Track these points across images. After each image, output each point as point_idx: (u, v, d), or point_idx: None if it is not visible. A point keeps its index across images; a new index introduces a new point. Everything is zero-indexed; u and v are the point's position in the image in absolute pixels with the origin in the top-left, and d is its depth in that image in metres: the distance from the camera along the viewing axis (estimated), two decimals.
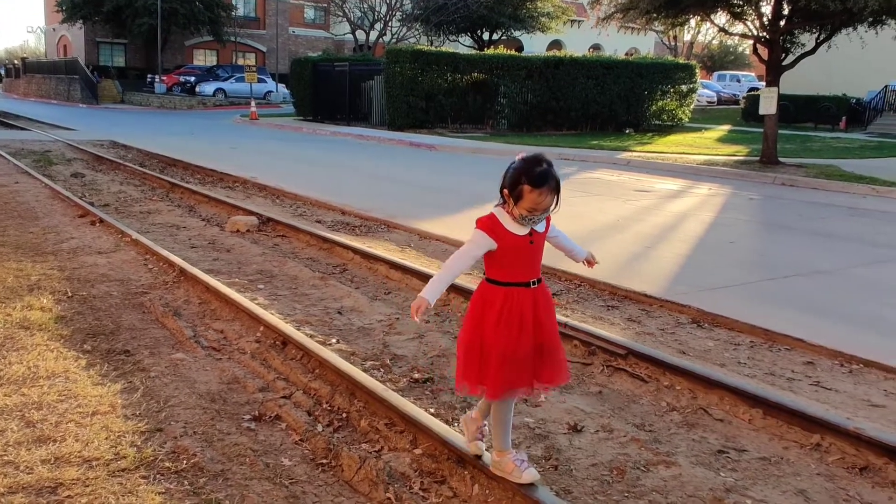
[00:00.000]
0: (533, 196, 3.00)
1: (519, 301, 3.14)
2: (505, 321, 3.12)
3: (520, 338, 3.13)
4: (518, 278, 3.17)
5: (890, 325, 5.98)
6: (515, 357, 3.13)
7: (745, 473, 3.68)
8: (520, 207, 3.03)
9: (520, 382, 3.19)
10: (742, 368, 4.97)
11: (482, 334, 3.15)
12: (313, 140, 23.23)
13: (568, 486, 3.52)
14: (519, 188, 3.01)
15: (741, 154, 19.31)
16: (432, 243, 8.71)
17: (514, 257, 3.13)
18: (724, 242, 9.19)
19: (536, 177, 2.99)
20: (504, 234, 3.10)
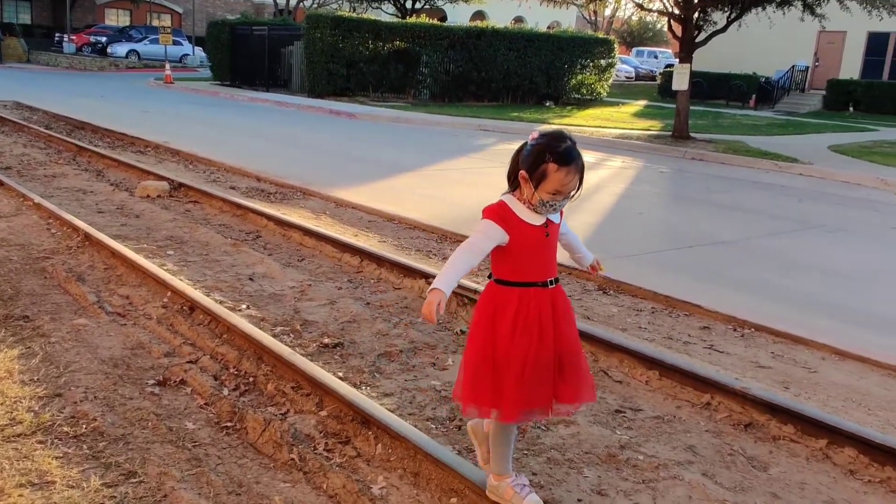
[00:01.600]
0: (559, 176, 2.62)
1: (536, 304, 2.73)
2: (521, 328, 2.71)
3: (539, 347, 2.72)
4: (533, 277, 2.75)
5: (781, 292, 6.30)
6: (535, 370, 2.72)
7: (639, 431, 3.85)
8: (542, 190, 2.64)
9: (539, 401, 2.78)
10: (642, 333, 5.17)
11: (494, 346, 2.74)
12: (230, 105, 22.71)
13: (470, 445, 3.60)
14: (542, 167, 2.62)
15: (655, 129, 19.80)
16: (349, 211, 8.69)
17: (528, 252, 2.74)
18: (633, 213, 9.46)
19: (563, 153, 2.62)
20: (517, 224, 2.70)
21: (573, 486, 3.29)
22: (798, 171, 13.92)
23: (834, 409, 4.10)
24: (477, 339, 2.80)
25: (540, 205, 2.69)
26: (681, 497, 3.24)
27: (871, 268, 7.39)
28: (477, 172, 12.14)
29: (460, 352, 4.70)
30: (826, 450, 3.66)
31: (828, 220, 9.78)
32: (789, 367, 4.70)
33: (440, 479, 3.19)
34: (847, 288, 6.63)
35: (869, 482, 3.44)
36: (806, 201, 10.94)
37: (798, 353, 4.94)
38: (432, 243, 7.39)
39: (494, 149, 15.16)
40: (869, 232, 9.21)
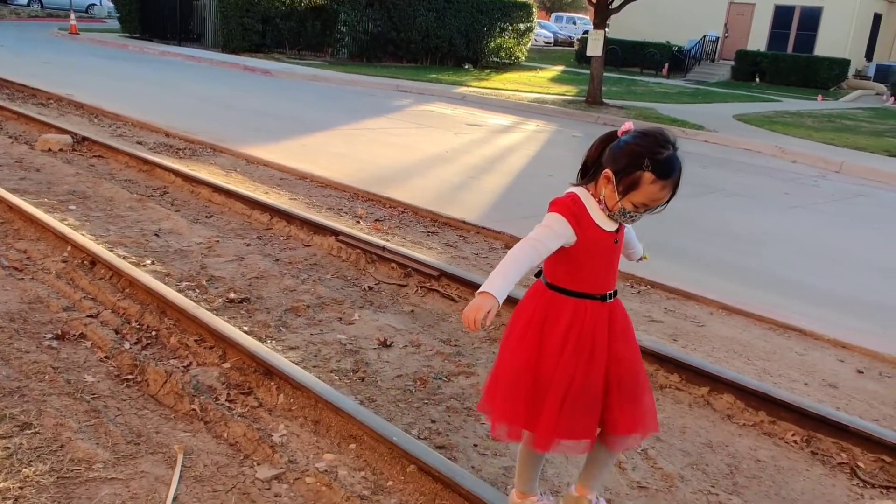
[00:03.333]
0: (654, 189, 2.24)
1: (592, 319, 2.38)
2: (573, 345, 2.36)
3: (589, 369, 2.38)
4: (592, 288, 2.39)
5: (678, 252, 6.59)
6: (580, 396, 2.37)
7: None
8: (628, 199, 2.26)
9: (580, 432, 2.41)
10: None
11: (538, 360, 2.38)
12: (140, 59, 21.89)
13: (372, 395, 3.70)
14: (635, 175, 2.23)
15: (570, 94, 20.09)
16: (260, 168, 8.59)
17: (593, 259, 2.38)
18: (544, 175, 9.66)
19: (665, 164, 2.22)
20: (589, 226, 2.34)
21: (470, 432, 3.43)
22: (704, 138, 14.40)
23: (717, 359, 4.36)
24: (519, 348, 2.40)
25: (619, 213, 2.31)
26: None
27: (763, 230, 7.78)
28: (392, 132, 12.13)
29: (368, 307, 4.79)
30: (707, 396, 3.90)
31: (728, 185, 10.19)
32: (680, 321, 4.96)
33: (340, 426, 3.28)
34: (739, 249, 6.98)
35: (744, 426, 3.70)
36: (709, 167, 11.34)
37: (689, 308, 5.21)
38: (344, 202, 7.40)
39: (411, 109, 15.14)
40: (764, 197, 9.65)
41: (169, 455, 3.05)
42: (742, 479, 3.26)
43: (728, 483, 3.23)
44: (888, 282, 6.38)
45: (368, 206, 7.28)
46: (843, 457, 3.45)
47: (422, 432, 3.38)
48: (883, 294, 5.99)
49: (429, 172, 9.16)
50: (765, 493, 3.18)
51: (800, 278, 6.20)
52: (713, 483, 3.21)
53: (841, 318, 5.20)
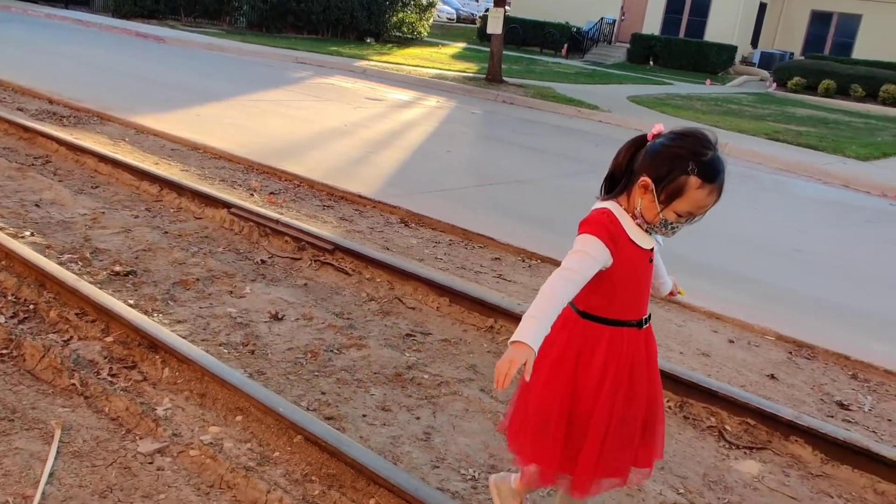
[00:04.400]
0: (701, 195, 2.03)
1: (629, 348, 2.19)
2: (612, 379, 2.16)
3: (629, 403, 2.19)
4: (629, 314, 2.19)
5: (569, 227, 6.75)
6: (620, 432, 2.19)
7: (427, 353, 4.08)
8: (673, 207, 2.05)
9: (619, 469, 2.25)
10: (438, 263, 5.42)
11: (574, 397, 2.18)
12: (23, 21, 20.68)
13: (262, 368, 3.69)
14: (679, 180, 2.02)
15: (471, 71, 20.20)
16: (150, 138, 8.32)
17: (629, 282, 2.17)
18: (442, 151, 9.73)
19: (710, 165, 2.02)
20: (626, 246, 2.12)
21: (359, 403, 3.47)
22: (598, 118, 14.78)
23: None
24: (551, 384, 2.17)
25: (660, 225, 2.10)
26: (458, 410, 3.50)
27: None
28: (290, 105, 11.93)
29: (260, 280, 4.74)
30: None
31: None
32: None
33: (226, 399, 3.25)
34: None
35: None
36: (602, 146, 11.67)
37: None
38: (238, 174, 7.26)
39: (310, 82, 14.91)
40: None
41: (46, 431, 2.96)
42: None
43: None
44: (761, 257, 6.75)
45: (263, 179, 7.17)
46: (713, 420, 3.66)
47: (311, 404, 3.40)
48: (755, 268, 6.34)
49: (326, 146, 9.08)
50: None
51: (682, 253, 6.48)
52: None
53: (716, 291, 5.48)
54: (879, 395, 4.18)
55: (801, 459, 3.43)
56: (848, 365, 4.48)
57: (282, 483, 2.79)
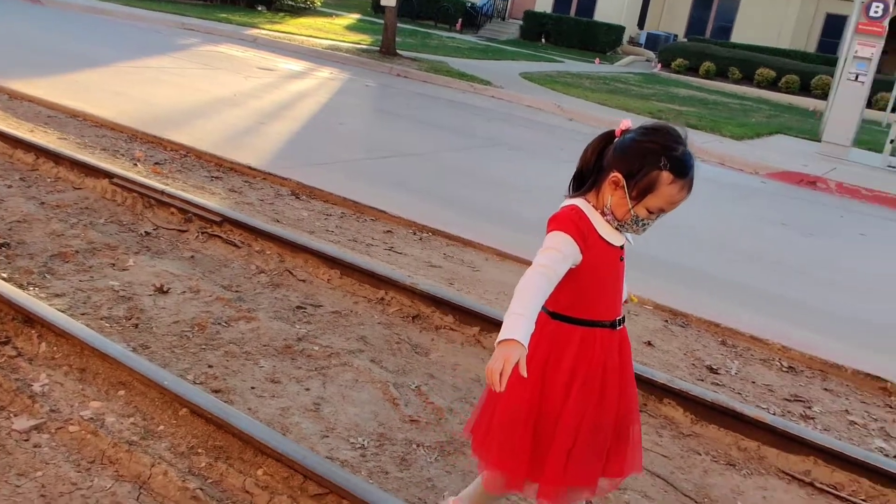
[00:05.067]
0: (672, 190, 2.00)
1: (602, 350, 2.11)
2: (581, 382, 2.09)
3: (600, 409, 2.12)
4: (602, 314, 2.13)
5: (460, 200, 6.88)
6: (591, 439, 2.12)
7: (317, 325, 4.08)
8: (644, 204, 2.02)
9: (588, 477, 2.18)
10: (329, 235, 5.40)
11: (542, 401, 2.11)
12: None
13: (147, 342, 3.60)
14: (652, 175, 1.99)
15: (365, 43, 20.01)
16: (25, 104, 7.89)
17: (599, 280, 2.11)
18: (335, 123, 9.65)
19: (682, 160, 2.00)
20: (595, 243, 2.08)
21: (248, 375, 3.45)
22: (491, 93, 14.95)
23: (488, 301, 4.65)
24: (519, 388, 2.04)
25: (631, 222, 2.08)
26: (348, 380, 3.53)
27: (539, 182, 8.28)
28: (177, 72, 11.52)
29: (144, 252, 4.61)
30: (478, 335, 4.16)
31: (510, 139, 10.71)
32: (457, 266, 5.21)
33: (108, 373, 3.17)
34: (516, 198, 7.40)
35: None
36: (494, 121, 11.84)
37: (466, 254, 5.49)
38: (121, 143, 6.98)
39: (198, 49, 14.42)
40: (543, 151, 10.26)
41: None
42: None
43: None
44: None
45: (148, 149, 6.93)
46: None
47: (198, 377, 3.35)
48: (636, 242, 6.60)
49: (215, 115, 8.85)
50: None
51: None
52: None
53: None
54: (745, 360, 4.47)
55: (674, 420, 3.64)
56: (718, 332, 4.76)
57: (166, 456, 2.76)
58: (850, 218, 9.35)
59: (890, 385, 4.31)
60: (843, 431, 3.81)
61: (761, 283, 6.09)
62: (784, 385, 4.22)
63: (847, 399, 4.18)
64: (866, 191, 10.62)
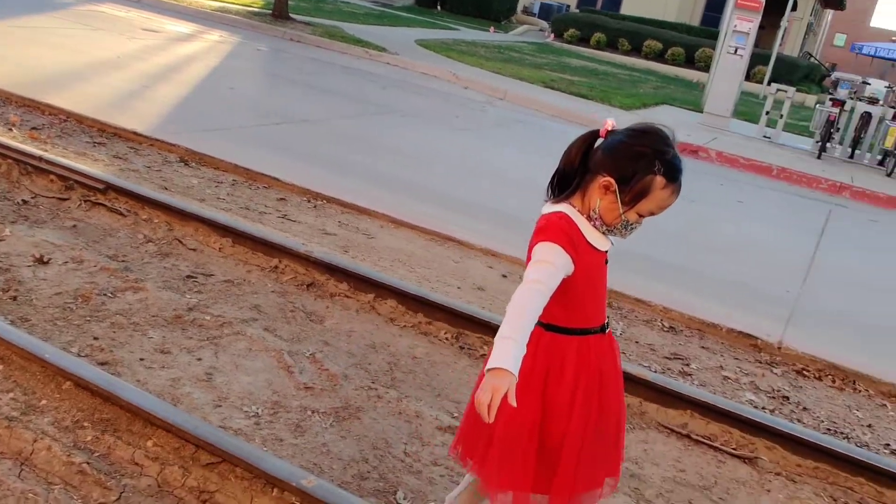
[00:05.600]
0: (664, 194, 1.96)
1: (597, 357, 2.08)
2: (583, 392, 2.05)
3: (601, 413, 2.09)
4: (592, 320, 2.08)
5: (355, 168, 6.85)
6: (595, 445, 2.10)
7: (209, 294, 4.01)
8: (637, 208, 1.98)
9: (593, 482, 2.16)
10: (220, 203, 5.29)
11: (545, 415, 2.05)
12: None
13: (26, 314, 3.46)
14: (646, 180, 1.94)
15: (256, 6, 19.43)
16: None
17: (591, 286, 2.06)
18: (225, 88, 9.38)
19: (674, 164, 1.96)
20: (584, 251, 2.01)
21: (136, 347, 3.37)
22: (386, 60, 14.84)
23: (383, 268, 4.67)
24: (521, 406, 1.88)
25: (622, 226, 2.03)
26: (241, 349, 3.50)
27: (434, 149, 8.34)
28: (55, 32, 10.90)
29: (22, 222, 4.41)
30: (373, 302, 4.19)
31: (405, 106, 10.69)
32: (352, 233, 5.21)
33: None
34: (411, 166, 7.43)
35: (404, 327, 4.05)
36: (389, 88, 11.78)
37: (361, 221, 5.48)
38: None
39: (78, 9, 13.65)
40: (437, 118, 10.29)
41: None
42: (400, 374, 3.59)
43: (387, 378, 3.53)
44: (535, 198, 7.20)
45: (23, 113, 6.56)
46: (486, 349, 3.93)
47: (83, 350, 3.25)
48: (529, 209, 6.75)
49: (97, 78, 8.44)
50: (419, 384, 3.54)
51: (462, 194, 6.79)
52: (374, 379, 3.49)
53: (492, 229, 5.80)
54: (630, 321, 4.68)
55: None
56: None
57: (50, 431, 2.68)
58: (728, 185, 9.83)
59: (760, 342, 4.61)
60: (717, 386, 4.06)
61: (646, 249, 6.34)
62: (665, 344, 4.45)
63: (722, 356, 4.45)
64: (744, 160, 11.18)
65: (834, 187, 10.61)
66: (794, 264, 6.64)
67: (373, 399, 3.31)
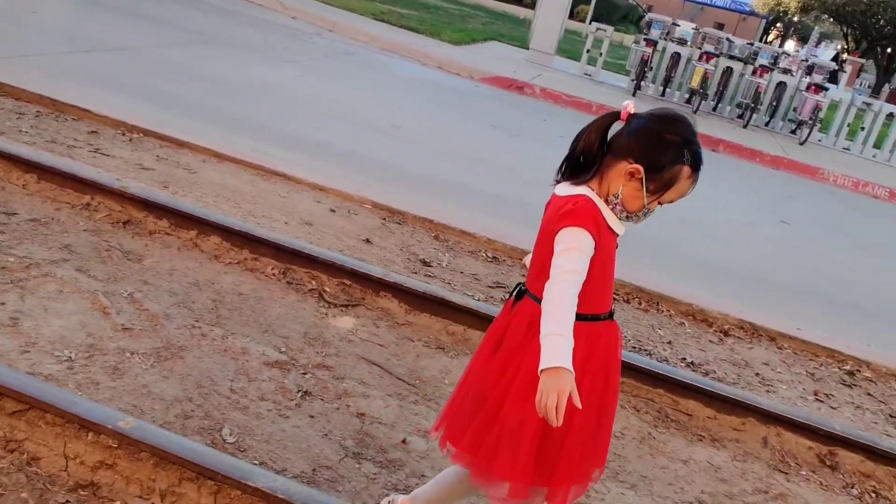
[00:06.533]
0: (688, 184, 1.94)
1: (605, 344, 2.03)
2: (590, 382, 1.97)
3: (604, 403, 2.05)
4: (603, 306, 2.02)
5: (174, 99, 6.53)
6: (596, 434, 2.07)
7: (12, 235, 3.73)
8: (662, 197, 1.95)
9: (588, 474, 2.12)
10: (23, 136, 4.89)
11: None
12: None
13: None
14: (675, 169, 1.90)
15: None
16: None
17: (607, 271, 2.00)
18: (27, 12, 8.56)
19: (700, 154, 1.93)
20: (605, 235, 1.94)
21: None
22: None
23: (206, 203, 4.53)
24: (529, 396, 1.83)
25: (643, 214, 1.99)
26: (51, 292, 3.30)
27: (260, 81, 8.08)
28: None
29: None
30: (196, 239, 4.06)
31: (230, 36, 10.23)
32: (172, 168, 4.99)
33: None
34: (235, 98, 7.16)
35: (229, 264, 3.96)
36: (211, 16, 11.20)
37: (182, 155, 5.26)
38: None
39: None
40: (264, 49, 9.94)
41: None
42: (225, 312, 3.53)
43: (212, 316, 3.46)
44: (362, 132, 7.18)
45: None
46: (313, 283, 3.93)
47: None
48: (357, 142, 6.74)
49: None
50: (245, 321, 3.49)
51: (290, 128, 6.65)
52: (198, 318, 3.41)
53: (319, 164, 5.75)
54: (455, 252, 4.82)
55: (389, 312, 3.87)
56: (432, 228, 5.06)
57: None
58: (551, 121, 10.22)
59: None
60: None
61: (471, 182, 6.52)
62: (489, 273, 4.63)
63: None
64: (566, 96, 11.63)
65: None
66: None
67: (197, 338, 3.24)
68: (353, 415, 3.00)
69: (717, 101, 14.00)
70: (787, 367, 4.41)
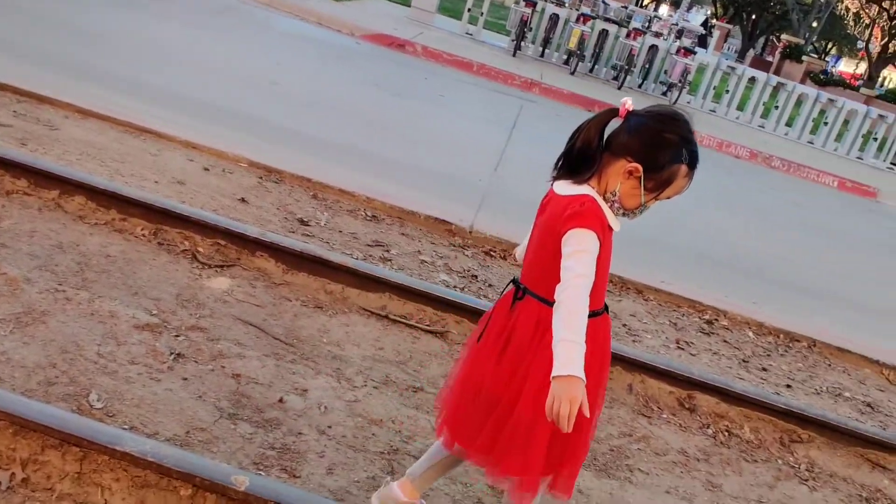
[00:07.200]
0: (684, 182, 1.96)
1: (602, 339, 2.07)
2: (595, 377, 2.01)
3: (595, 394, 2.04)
4: (599, 302, 2.03)
5: (31, 51, 6.14)
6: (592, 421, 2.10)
7: None
8: (660, 195, 1.97)
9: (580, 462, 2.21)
10: None
11: None
12: None
13: None
14: (673, 168, 1.92)
15: None
16: None
17: (604, 268, 2.01)
18: None
19: (697, 154, 1.95)
20: (606, 234, 1.96)
21: None
22: None
23: (69, 162, 4.31)
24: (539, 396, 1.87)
25: (640, 212, 2.01)
26: None
27: (129, 34, 7.69)
28: None
29: None
30: (58, 199, 3.87)
31: None
32: (31, 125, 4.71)
33: None
34: (102, 52, 6.80)
35: (95, 224, 3.80)
36: None
37: (42, 111, 4.97)
38: None
39: None
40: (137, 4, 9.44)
41: None
42: (91, 275, 3.39)
43: (77, 280, 3.33)
44: (239, 88, 6.99)
45: None
46: (186, 244, 3.83)
47: None
48: (233, 99, 6.55)
49: None
50: (113, 284, 3.37)
51: (162, 84, 6.38)
52: (62, 281, 3.27)
53: (192, 121, 5.56)
54: (334, 211, 4.79)
55: (266, 272, 3.82)
56: (310, 187, 5.01)
57: None
58: (433, 80, 10.23)
59: (454, 227, 4.98)
60: (414, 269, 4.34)
61: (352, 140, 6.47)
62: (368, 232, 4.64)
63: (420, 242, 4.74)
64: (447, 55, 11.64)
65: (526, 84, 11.47)
66: (487, 155, 7.16)
67: (61, 302, 3.11)
68: (228, 376, 2.97)
69: (593, 62, 14.35)
70: (652, 318, 4.66)
